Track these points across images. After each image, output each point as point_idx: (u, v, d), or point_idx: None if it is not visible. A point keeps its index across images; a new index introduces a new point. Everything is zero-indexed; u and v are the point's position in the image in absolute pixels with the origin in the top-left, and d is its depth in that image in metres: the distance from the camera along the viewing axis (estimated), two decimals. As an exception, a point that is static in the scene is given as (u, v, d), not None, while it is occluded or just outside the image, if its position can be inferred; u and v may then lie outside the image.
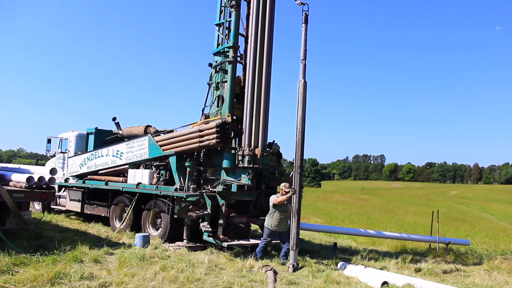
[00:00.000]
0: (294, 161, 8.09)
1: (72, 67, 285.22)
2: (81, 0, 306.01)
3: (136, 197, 10.50)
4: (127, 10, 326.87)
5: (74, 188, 12.95)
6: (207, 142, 9.23)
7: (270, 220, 8.46)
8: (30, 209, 10.18)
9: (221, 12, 10.34)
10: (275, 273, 7.03)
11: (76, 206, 12.77)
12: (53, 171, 9.28)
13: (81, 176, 12.84)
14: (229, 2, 10.09)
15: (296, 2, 8.60)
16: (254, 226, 11.28)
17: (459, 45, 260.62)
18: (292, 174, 10.25)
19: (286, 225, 8.47)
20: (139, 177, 10.76)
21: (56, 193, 12.70)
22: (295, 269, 7.60)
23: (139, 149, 10.81)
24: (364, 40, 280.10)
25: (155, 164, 11.03)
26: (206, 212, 9.04)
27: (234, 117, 9.78)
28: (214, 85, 10.03)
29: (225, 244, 8.73)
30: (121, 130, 12.96)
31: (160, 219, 10.17)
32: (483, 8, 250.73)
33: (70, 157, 13.68)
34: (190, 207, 9.07)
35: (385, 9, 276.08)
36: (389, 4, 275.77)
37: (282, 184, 8.56)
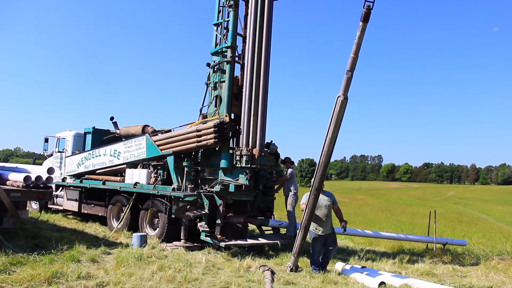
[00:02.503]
0: (312, 182, 7.10)
1: (70, 66, 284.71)
2: (79, 0, 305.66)
3: (133, 196, 10.49)
4: (125, 10, 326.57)
5: (71, 188, 12.92)
6: (205, 142, 9.23)
7: (312, 225, 7.51)
8: (28, 208, 10.14)
9: (219, 12, 10.34)
10: (273, 273, 7.03)
11: (73, 206, 12.75)
12: (50, 170, 9.27)
13: (78, 176, 12.81)
14: (227, 2, 10.09)
15: None
16: (251, 226, 11.28)
17: (457, 46, 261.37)
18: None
19: (330, 226, 7.65)
20: (137, 177, 10.75)
21: (54, 193, 12.69)
22: (292, 270, 7.58)
23: (136, 148, 10.79)
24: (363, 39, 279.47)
25: (152, 163, 11.02)
26: (203, 212, 9.04)
27: (232, 114, 9.79)
28: (212, 85, 10.03)
29: (222, 244, 8.72)
30: (118, 129, 12.94)
31: (157, 219, 10.15)
32: (480, 9, 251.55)
33: (68, 156, 13.64)
34: (187, 207, 9.07)
35: (382, 9, 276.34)
36: (386, 4, 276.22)
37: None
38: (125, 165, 11.34)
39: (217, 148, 9.56)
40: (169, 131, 10.61)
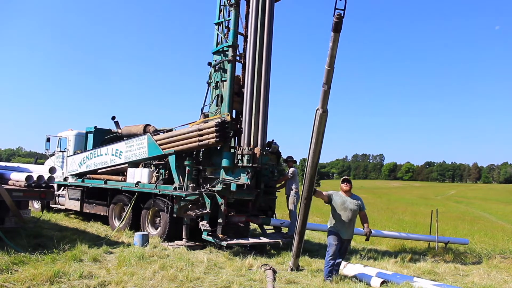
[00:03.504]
0: (301, 192, 7.01)
1: (72, 65, 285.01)
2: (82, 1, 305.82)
3: (135, 196, 10.49)
4: (127, 9, 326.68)
5: (73, 187, 12.94)
6: (206, 141, 9.23)
7: (334, 225, 7.01)
8: (29, 208, 10.17)
9: (220, 11, 10.34)
10: (274, 272, 7.03)
11: (75, 205, 12.76)
12: (52, 170, 9.28)
13: (80, 175, 12.83)
14: (228, 1, 10.09)
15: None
16: (253, 225, 11.28)
17: (459, 44, 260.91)
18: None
19: (351, 232, 7.10)
20: (138, 176, 10.75)
21: (55, 192, 12.70)
22: (293, 270, 7.56)
23: (138, 148, 10.80)
24: (363, 39, 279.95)
25: (154, 163, 11.03)
26: (205, 211, 9.04)
27: (234, 112, 9.79)
28: (214, 84, 10.03)
29: (224, 243, 8.72)
30: (120, 129, 12.95)
31: (159, 218, 10.16)
32: (482, 8, 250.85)
33: (69, 156, 13.67)
34: (189, 206, 9.07)
35: (384, 9, 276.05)
36: (389, 3, 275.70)
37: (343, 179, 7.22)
38: (126, 165, 11.35)
39: (218, 147, 9.56)
40: (171, 130, 10.61)
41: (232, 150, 9.45)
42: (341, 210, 6.87)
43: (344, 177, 7.23)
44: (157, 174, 10.72)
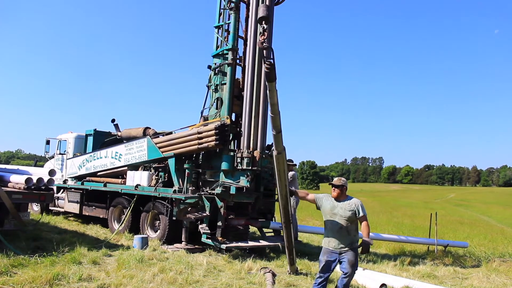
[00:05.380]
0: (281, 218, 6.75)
1: (72, 68, 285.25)
2: (83, 0, 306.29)
3: (134, 198, 10.49)
4: (128, 12, 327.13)
5: (72, 190, 12.94)
6: (206, 144, 9.24)
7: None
8: (29, 210, 10.14)
9: (220, 14, 10.37)
10: (274, 275, 7.02)
11: (74, 208, 12.76)
12: (51, 172, 9.28)
13: (79, 178, 12.83)
14: (228, 5, 10.12)
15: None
16: (252, 228, 11.27)
17: (458, 48, 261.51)
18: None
19: (346, 242, 5.54)
20: (138, 179, 10.75)
21: (55, 195, 12.69)
22: (292, 274, 7.55)
23: (138, 151, 10.81)
24: (363, 42, 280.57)
25: (153, 166, 11.03)
26: (204, 214, 9.05)
27: (234, 115, 9.81)
28: (213, 87, 10.04)
29: (223, 246, 8.72)
30: (120, 131, 12.96)
31: (158, 221, 10.16)
32: (481, 12, 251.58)
33: (69, 158, 13.67)
34: (188, 209, 9.08)
35: (386, 12, 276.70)
36: (390, 7, 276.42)
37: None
38: (126, 167, 11.35)
39: (218, 150, 9.57)
40: (170, 133, 10.63)
41: (232, 153, 9.46)
42: (330, 217, 5.62)
43: (331, 182, 5.85)
44: (156, 177, 10.72)
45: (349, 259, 5.44)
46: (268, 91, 5.54)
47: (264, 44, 5.22)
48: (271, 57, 5.25)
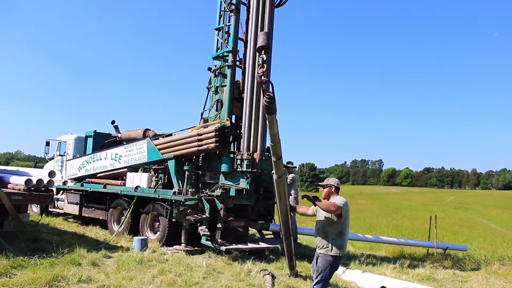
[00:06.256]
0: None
1: (72, 69, 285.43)
2: (82, 1, 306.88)
3: (134, 200, 10.49)
4: (128, 14, 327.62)
5: (72, 191, 12.94)
6: (205, 146, 9.25)
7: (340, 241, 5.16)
8: (28, 211, 10.14)
9: (220, 16, 10.39)
10: (273, 277, 7.03)
11: (74, 209, 12.75)
12: (51, 173, 9.29)
13: (79, 179, 12.83)
14: (228, 7, 10.14)
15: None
16: (252, 230, 11.27)
17: (458, 50, 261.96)
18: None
19: (320, 243, 5.24)
20: (138, 181, 10.75)
21: (54, 196, 12.68)
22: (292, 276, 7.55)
23: (137, 152, 10.81)
24: (364, 44, 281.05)
25: (153, 167, 11.04)
26: (204, 216, 9.04)
27: (234, 117, 9.82)
28: (213, 89, 10.06)
29: (223, 248, 8.71)
30: (120, 133, 12.97)
31: (158, 223, 10.15)
32: (481, 14, 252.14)
33: (69, 160, 13.67)
34: (188, 211, 9.07)
35: (386, 14, 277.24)
36: (390, 9, 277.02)
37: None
38: (126, 169, 11.36)
39: (218, 152, 9.58)
40: (170, 135, 10.64)
41: (232, 155, 9.47)
42: (317, 218, 5.40)
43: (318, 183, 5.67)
44: (156, 179, 10.72)
45: (318, 264, 5.15)
46: (268, 123, 5.44)
47: (263, 78, 5.01)
48: (271, 90, 5.04)
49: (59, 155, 14.45)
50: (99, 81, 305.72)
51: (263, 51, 5.30)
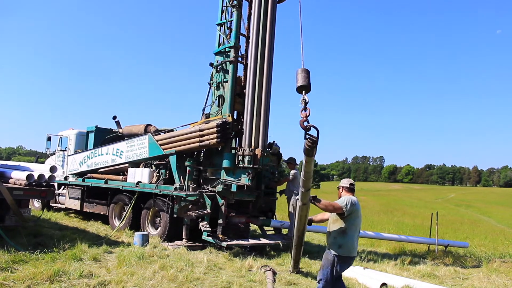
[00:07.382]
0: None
1: (73, 64, 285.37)
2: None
3: (135, 196, 10.49)
4: (129, 9, 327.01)
5: (73, 186, 12.94)
6: (207, 142, 9.23)
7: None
8: (30, 206, 10.17)
9: (222, 12, 10.34)
10: (274, 273, 7.03)
11: (75, 204, 12.76)
12: (53, 169, 9.29)
13: (80, 174, 12.83)
14: (230, 2, 10.09)
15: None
16: (253, 226, 11.28)
17: (460, 48, 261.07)
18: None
19: (328, 243, 5.27)
20: (139, 176, 10.75)
21: (56, 191, 12.70)
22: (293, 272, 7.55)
23: (139, 148, 10.80)
24: (364, 41, 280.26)
25: (155, 163, 11.03)
26: (205, 211, 9.04)
27: (235, 112, 9.79)
28: (215, 85, 10.03)
29: (224, 244, 8.72)
30: (121, 128, 12.96)
31: (159, 218, 10.16)
32: (483, 12, 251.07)
33: (70, 155, 13.67)
34: (189, 207, 9.07)
35: (387, 11, 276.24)
36: (391, 6, 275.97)
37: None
38: (127, 164, 11.35)
39: (219, 148, 9.56)
40: (172, 130, 10.62)
41: (233, 151, 9.45)
42: None
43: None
44: (157, 174, 10.72)
45: (322, 262, 5.19)
46: (304, 162, 5.08)
47: (307, 124, 4.54)
48: (316, 135, 4.63)
49: (61, 150, 14.43)
50: (100, 77, 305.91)
51: (303, 92, 4.75)
